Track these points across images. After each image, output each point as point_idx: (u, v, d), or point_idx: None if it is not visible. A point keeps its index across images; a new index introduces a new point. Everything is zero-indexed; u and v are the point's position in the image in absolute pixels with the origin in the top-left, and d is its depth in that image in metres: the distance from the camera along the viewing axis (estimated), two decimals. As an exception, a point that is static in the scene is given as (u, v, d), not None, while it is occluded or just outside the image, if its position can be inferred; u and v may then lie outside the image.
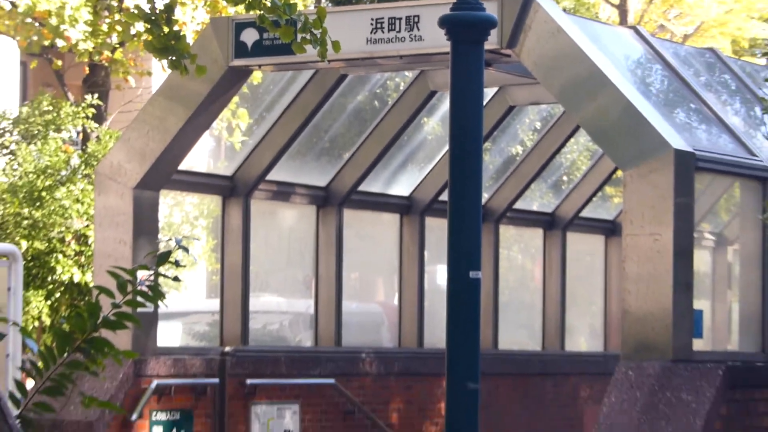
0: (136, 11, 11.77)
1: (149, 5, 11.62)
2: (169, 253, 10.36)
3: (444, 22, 10.52)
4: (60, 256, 26.25)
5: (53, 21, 28.07)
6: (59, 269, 25.82)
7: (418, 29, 17.62)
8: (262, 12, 10.90)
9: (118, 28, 27.71)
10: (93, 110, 29.56)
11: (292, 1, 11.18)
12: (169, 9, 11.34)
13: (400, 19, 17.84)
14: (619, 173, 18.69)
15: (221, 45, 18.51)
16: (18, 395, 9.97)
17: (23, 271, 20.76)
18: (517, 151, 23.64)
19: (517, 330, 23.77)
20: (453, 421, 10.33)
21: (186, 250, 10.11)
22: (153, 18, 11.38)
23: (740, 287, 19.30)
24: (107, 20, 27.84)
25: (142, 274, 10.03)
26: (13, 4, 28.19)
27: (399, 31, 17.80)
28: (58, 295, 23.43)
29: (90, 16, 27.72)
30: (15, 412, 9.47)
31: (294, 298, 22.38)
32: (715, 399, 15.64)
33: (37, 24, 28.28)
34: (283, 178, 21.37)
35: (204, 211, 22.79)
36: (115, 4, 27.04)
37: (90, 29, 28.02)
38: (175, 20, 11.60)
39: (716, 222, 19.84)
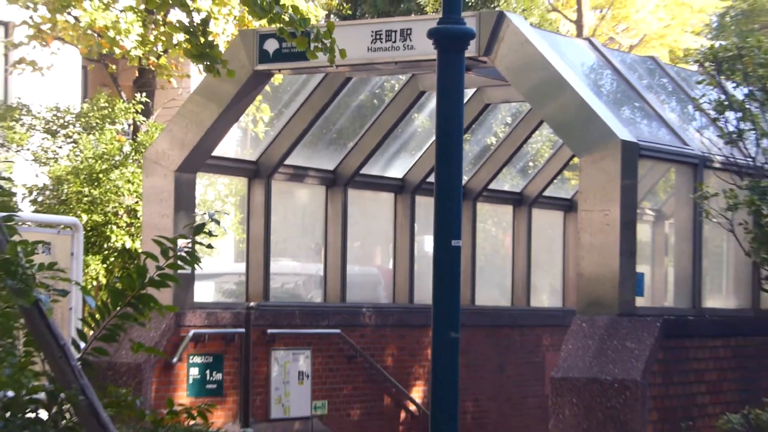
0: (177, 24, 11.67)
1: (188, 20, 11.52)
2: (203, 224, 10.33)
3: (431, 34, 10.45)
4: (114, 227, 26.18)
5: (110, 33, 27.99)
6: (113, 238, 25.75)
7: (411, 40, 17.57)
8: (281, 25, 10.82)
9: (163, 38, 27.61)
10: (141, 106, 29.48)
11: (306, 16, 11.09)
12: (205, 23, 11.24)
13: (395, 31, 17.80)
14: (576, 160, 18.59)
15: (248, 52, 18.45)
16: (79, 342, 9.89)
17: (83, 240, 20.68)
18: (491, 141, 23.52)
19: (490, 289, 23.77)
20: (438, 363, 10.27)
21: (217, 222, 10.10)
22: (191, 30, 11.28)
23: (675, 254, 19.28)
24: (154, 32, 27.75)
25: (181, 242, 10.01)
26: (77, 19, 28.08)
27: (394, 42, 17.76)
28: (112, 259, 23.35)
29: (140, 29, 27.64)
30: (77, 355, 9.38)
31: (306, 262, 22.31)
32: (654, 346, 15.59)
33: (96, 35, 28.16)
34: (299, 162, 21.33)
35: (233, 190, 22.66)
36: (160, 18, 26.94)
37: (140, 39, 27.93)
38: (209, 32, 11.48)
39: (656, 200, 19.79)
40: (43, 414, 9.26)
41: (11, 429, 9.11)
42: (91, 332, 10.01)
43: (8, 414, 9.16)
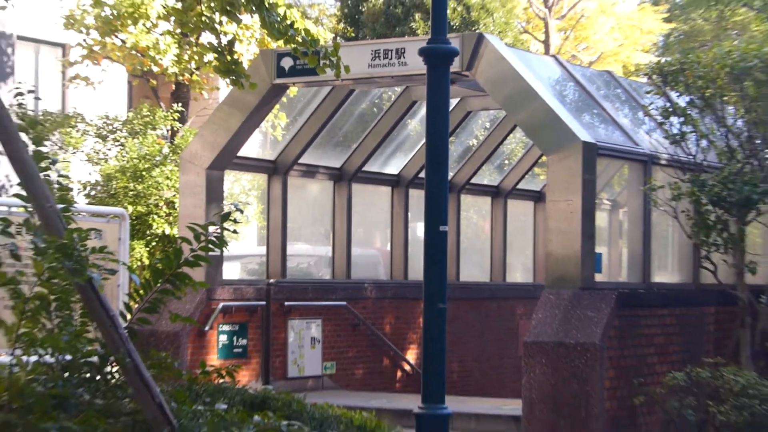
0: (208, 45, 11.69)
1: (217, 41, 11.49)
2: (229, 214, 10.34)
3: (422, 52, 10.45)
4: (155, 217, 26.17)
5: (151, 53, 27.95)
6: (154, 226, 25.74)
7: (404, 57, 17.56)
8: (295, 46, 10.80)
9: (196, 57, 27.61)
10: (178, 115, 29.46)
11: (315, 38, 11.08)
12: (231, 44, 11.21)
13: (391, 50, 17.79)
14: (544, 158, 18.55)
15: (267, 69, 18.44)
16: (126, 313, 9.90)
17: (129, 227, 20.71)
18: (473, 142, 23.46)
19: (472, 267, 23.76)
20: (428, 330, 10.29)
21: (241, 211, 10.11)
22: (220, 50, 11.26)
23: (628, 237, 19.31)
24: (188, 52, 27.74)
25: (211, 229, 10.01)
26: (123, 41, 28.06)
27: (390, 59, 17.75)
28: (153, 244, 23.39)
29: (176, 49, 27.62)
30: (124, 325, 9.39)
31: (317, 245, 22.33)
32: (610, 315, 15.59)
33: (139, 55, 28.14)
34: (310, 161, 21.32)
35: (255, 184, 22.64)
36: (193, 40, 26.90)
37: (176, 58, 27.90)
38: (234, 51, 11.45)
39: (611, 192, 19.79)
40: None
41: (69, 387, 9.13)
42: (136, 305, 10.01)
43: (66, 374, 9.17)
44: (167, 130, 29.02)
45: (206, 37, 21.77)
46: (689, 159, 17.48)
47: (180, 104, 30.22)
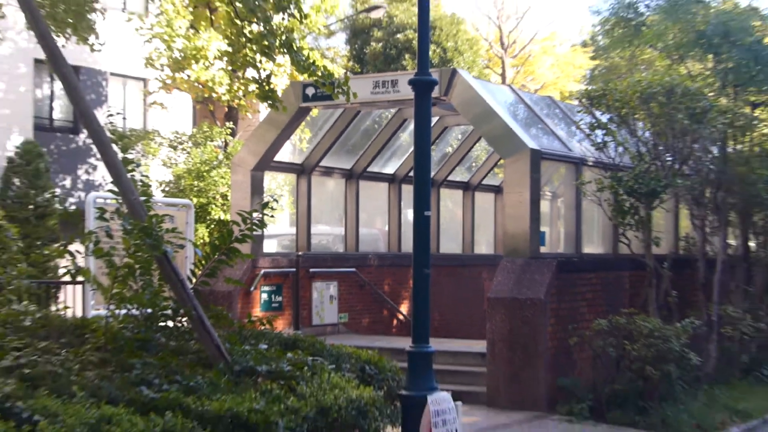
0: (251, 78, 11.65)
1: (258, 75, 11.46)
2: (267, 203, 10.29)
3: (410, 83, 10.42)
4: (213, 206, 26.16)
5: (209, 84, 27.93)
6: (212, 213, 25.75)
7: (398, 87, 17.52)
8: (316, 78, 10.76)
9: (242, 87, 27.60)
10: (229, 130, 29.45)
11: (331, 72, 11.05)
12: (268, 77, 11.20)
13: (387, 81, 17.75)
14: (502, 161, 18.47)
15: (295, 95, 18.41)
16: (192, 278, 9.86)
17: (194, 214, 20.74)
18: (449, 149, 23.41)
19: (449, 242, 23.70)
20: (416, 289, 10.28)
21: (276, 201, 10.07)
22: (260, 82, 11.23)
23: (564, 219, 19.31)
24: (237, 83, 27.72)
25: (255, 215, 9.96)
26: (188, 76, 28.03)
27: (387, 88, 17.72)
28: (212, 226, 23.43)
29: (228, 82, 27.59)
30: (190, 286, 9.37)
31: (334, 226, 22.26)
32: (551, 277, 15.57)
33: (200, 86, 28.11)
34: (328, 164, 21.29)
35: (287, 182, 22.62)
36: (240, 74, 26.87)
37: (228, 88, 27.88)
38: (271, 83, 11.43)
39: (552, 186, 19.75)
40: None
41: (150, 333, 9.14)
42: (199, 272, 9.99)
43: (148, 323, 9.18)
44: (222, 142, 29.01)
45: (250, 72, 21.74)
46: (610, 161, 17.47)
47: (231, 122, 30.22)
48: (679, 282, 18.05)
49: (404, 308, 21.70)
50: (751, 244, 20.96)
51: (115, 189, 9.10)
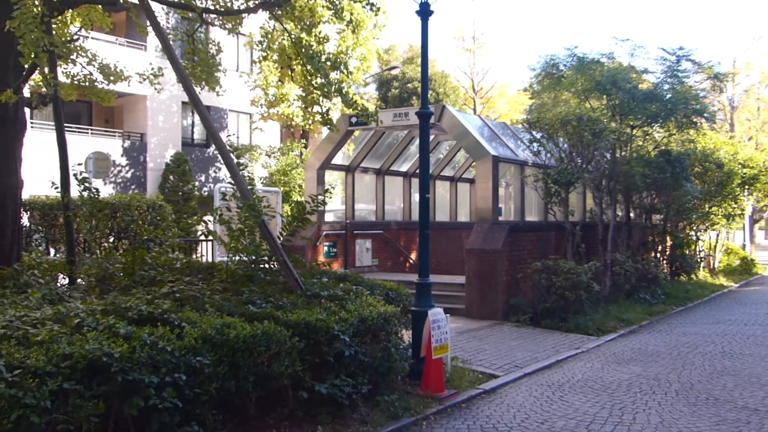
0: (317, 111, 11.59)
1: (321, 109, 11.42)
2: (327, 190, 10.19)
3: (417, 113, 10.34)
4: (293, 192, 26.16)
5: (291, 116, 27.89)
6: (293, 196, 25.74)
7: (408, 116, 17.36)
8: (357, 111, 10.69)
9: (311, 117, 27.56)
10: (303, 144, 29.46)
11: (367, 108, 10.99)
12: (327, 111, 11.15)
13: (402, 113, 17.59)
14: (474, 163, 18.35)
15: (344, 121, 18.32)
16: (280, 237, 9.80)
17: (281, 197, 20.76)
18: (441, 156, 23.24)
19: (441, 214, 23.58)
20: (421, 244, 10.22)
21: (332, 188, 9.96)
22: (322, 114, 11.19)
23: (513, 199, 19.18)
24: (308, 115, 27.69)
25: (319, 197, 9.89)
26: (278, 111, 28.04)
27: (402, 117, 17.57)
28: (292, 205, 23.33)
29: (302, 113, 27.54)
30: (279, 242, 9.33)
31: (368, 204, 22.14)
32: (506, 236, 15.48)
33: (285, 117, 28.09)
34: (365, 165, 21.16)
35: (339, 177, 22.57)
36: (310, 109, 26.83)
37: (303, 117, 27.84)
38: (329, 114, 11.40)
39: (506, 179, 19.60)
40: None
41: (254, 271, 9.11)
42: (284, 233, 9.94)
43: (253, 265, 9.15)
44: (298, 152, 29.04)
45: (316, 108, 21.74)
46: (542, 163, 17.38)
47: (304, 140, 30.23)
48: (586, 239, 17.98)
49: (413, 255, 21.64)
50: (632, 215, 20.97)
51: (232, 181, 9.08)
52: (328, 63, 10.75)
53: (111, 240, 13.33)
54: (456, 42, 56.15)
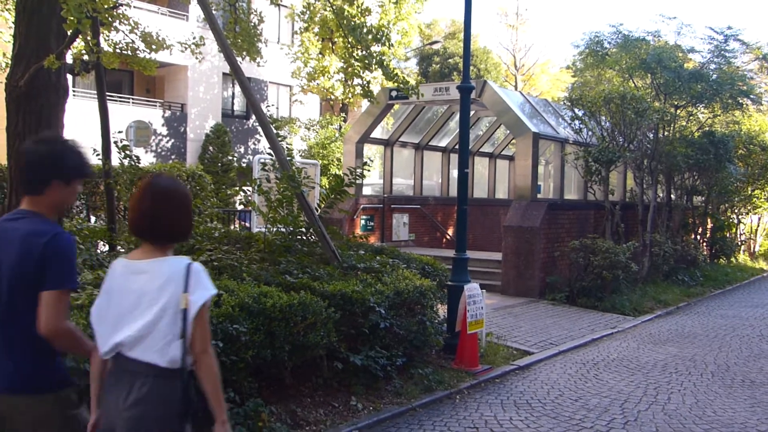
0: (357, 84, 11.52)
1: (362, 82, 11.35)
2: (365, 163, 10.14)
3: (458, 88, 10.23)
4: (332, 165, 26.16)
5: (331, 90, 27.88)
6: (331, 169, 25.76)
7: (449, 91, 17.26)
8: (398, 84, 10.60)
9: (352, 90, 27.50)
10: (343, 117, 29.45)
11: (407, 81, 10.89)
12: (368, 83, 11.06)
13: (443, 87, 17.50)
14: (514, 140, 18.16)
15: (384, 95, 18.24)
16: (318, 208, 9.80)
17: (320, 170, 20.80)
18: (480, 132, 23.05)
19: (480, 191, 23.45)
20: (458, 219, 10.14)
21: (371, 162, 9.91)
22: (363, 86, 11.12)
23: (552, 177, 19.00)
24: (348, 88, 27.64)
25: (357, 170, 9.85)
26: (318, 84, 28.03)
27: (442, 92, 17.47)
28: (330, 177, 23.35)
29: (341, 87, 27.50)
30: (317, 213, 9.33)
31: (407, 179, 22.07)
32: (544, 214, 15.36)
33: (325, 90, 28.08)
34: (404, 139, 21.09)
35: (378, 151, 22.51)
36: (350, 82, 26.77)
37: (342, 91, 27.81)
38: (370, 87, 11.31)
39: (546, 157, 19.40)
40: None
41: (292, 242, 9.12)
42: (323, 204, 9.94)
43: (290, 236, 9.15)
44: (338, 126, 29.04)
45: (356, 81, 21.70)
46: (583, 141, 17.17)
47: (344, 113, 30.22)
48: (625, 218, 17.79)
49: (450, 231, 21.58)
50: (672, 196, 20.69)
51: (272, 152, 9.08)
52: (370, 35, 10.66)
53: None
54: (499, 17, 55.59)
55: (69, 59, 9.58)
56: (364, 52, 10.69)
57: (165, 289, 3.24)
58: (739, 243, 25.93)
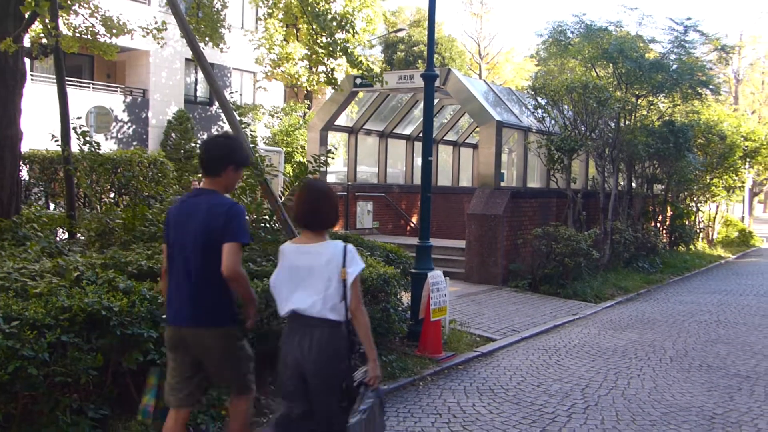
0: (322, 72, 11.45)
1: (326, 70, 11.28)
2: (329, 151, 10.09)
3: (422, 76, 10.18)
4: (296, 153, 26.05)
5: (295, 76, 27.69)
6: (295, 156, 25.64)
7: (413, 79, 17.25)
8: (362, 72, 10.57)
9: (316, 77, 27.34)
10: (307, 105, 29.27)
11: (371, 69, 10.85)
12: (332, 71, 11.00)
13: (407, 75, 17.47)
14: (478, 128, 18.22)
15: (349, 82, 18.16)
16: (282, 195, 9.72)
17: (284, 157, 20.66)
18: (444, 120, 23.06)
19: (443, 179, 23.53)
20: (422, 207, 10.12)
21: (335, 147, 9.85)
22: (327, 74, 11.05)
23: (516, 166, 19.09)
24: (312, 75, 27.48)
25: (321, 157, 9.79)
26: (282, 71, 27.83)
27: (407, 80, 17.44)
28: (294, 165, 23.22)
29: (307, 73, 27.31)
30: (281, 200, 9.26)
31: (371, 167, 22.01)
32: (507, 201, 15.43)
33: (289, 77, 27.88)
34: (368, 127, 21.03)
35: (342, 138, 22.43)
36: (314, 69, 26.63)
37: (307, 78, 27.63)
38: (334, 75, 11.25)
39: (509, 145, 19.41)
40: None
41: (255, 230, 9.05)
42: (287, 192, 9.87)
43: (254, 223, 9.08)
44: (302, 113, 28.88)
45: (321, 68, 21.60)
46: (546, 129, 17.27)
47: (308, 100, 30.06)
48: (587, 206, 17.94)
49: (414, 219, 21.61)
50: (633, 184, 20.92)
51: (234, 139, 9.03)
52: (334, 22, 10.60)
53: (111, 195, 13.26)
54: (463, 6, 55.66)
55: (27, 43, 9.39)
56: (328, 39, 10.62)
57: (329, 265, 4.50)
58: (698, 231, 26.32)
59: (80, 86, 25.42)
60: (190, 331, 4.61)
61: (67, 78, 9.64)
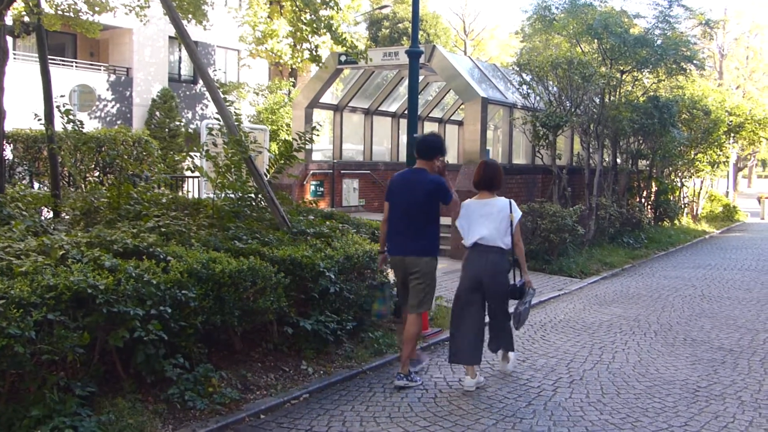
0: (306, 48, 11.39)
1: (310, 47, 11.22)
2: (314, 128, 10.05)
3: (407, 52, 10.17)
4: (281, 131, 25.94)
5: (279, 53, 27.54)
6: (281, 135, 25.52)
7: (398, 56, 17.19)
8: (347, 49, 10.52)
9: (300, 55, 27.21)
10: (292, 82, 29.13)
11: (356, 46, 10.80)
12: (316, 48, 10.95)
13: (392, 52, 17.41)
14: (463, 105, 18.22)
15: (333, 60, 18.11)
16: (267, 174, 9.70)
17: (269, 135, 20.58)
18: (430, 97, 23.03)
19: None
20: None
21: (320, 125, 9.83)
22: (311, 51, 11.00)
23: (501, 142, 19.09)
24: (297, 52, 27.34)
25: (306, 135, 9.74)
26: (267, 49, 27.67)
27: (392, 57, 17.39)
28: (279, 143, 23.13)
29: (291, 51, 27.16)
30: (267, 178, 9.23)
31: (356, 144, 21.98)
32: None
33: (273, 54, 27.72)
34: (354, 104, 20.99)
35: (327, 116, 22.34)
36: (299, 46, 26.51)
37: (292, 55, 27.49)
38: (318, 52, 11.18)
39: (495, 122, 19.46)
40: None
41: (240, 207, 9.03)
42: (272, 170, 9.84)
43: (239, 202, 9.05)
44: (287, 90, 28.73)
45: (305, 45, 21.45)
46: (531, 106, 17.27)
47: (293, 78, 29.90)
48: (572, 182, 18.00)
49: (400, 196, 21.63)
50: (618, 160, 20.95)
51: (219, 117, 8.95)
52: (318, -1, 10.54)
53: (96, 174, 13.20)
54: (447, -18, 55.50)
55: (8, 20, 9.30)
56: (312, 16, 10.57)
57: (501, 212, 7.10)
58: (683, 206, 26.46)
59: (63, 65, 25.19)
60: (410, 258, 7.07)
61: (49, 56, 9.56)
